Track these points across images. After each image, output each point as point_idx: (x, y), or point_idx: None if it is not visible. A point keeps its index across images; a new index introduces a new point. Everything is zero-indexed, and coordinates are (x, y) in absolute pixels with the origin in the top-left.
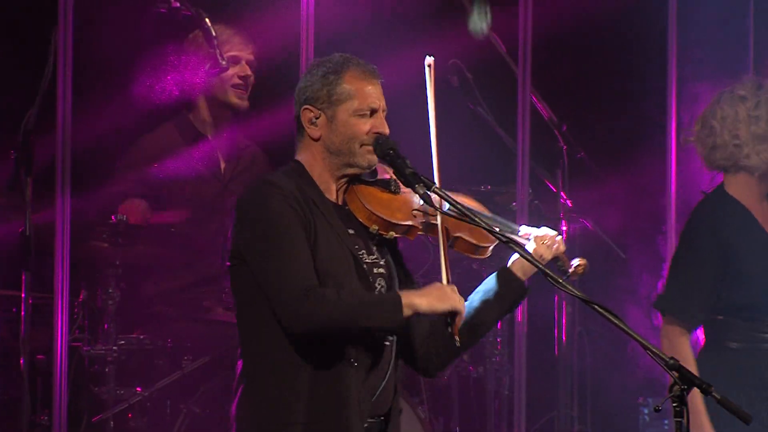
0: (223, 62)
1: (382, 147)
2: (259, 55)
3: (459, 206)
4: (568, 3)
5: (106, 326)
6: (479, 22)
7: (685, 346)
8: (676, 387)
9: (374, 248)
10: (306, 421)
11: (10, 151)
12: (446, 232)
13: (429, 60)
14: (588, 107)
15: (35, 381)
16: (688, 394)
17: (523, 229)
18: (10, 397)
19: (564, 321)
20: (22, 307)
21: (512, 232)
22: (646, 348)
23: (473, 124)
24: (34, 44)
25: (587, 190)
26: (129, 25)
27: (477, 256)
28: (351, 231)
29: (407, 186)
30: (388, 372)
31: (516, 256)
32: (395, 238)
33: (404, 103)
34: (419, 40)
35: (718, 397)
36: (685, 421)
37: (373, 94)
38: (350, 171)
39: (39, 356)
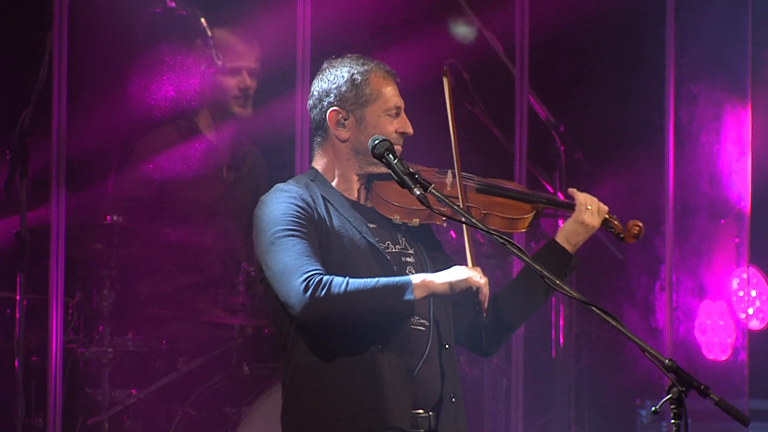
0: (219, 62)
1: (379, 148)
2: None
3: (456, 207)
4: (565, 3)
5: (100, 328)
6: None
7: None
8: (674, 389)
9: (401, 238)
10: (348, 415)
11: (5, 151)
12: (476, 211)
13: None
14: (585, 108)
15: (30, 383)
16: (686, 396)
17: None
18: (5, 398)
19: (561, 322)
20: (17, 309)
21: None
22: (643, 349)
23: (470, 124)
24: (29, 44)
25: (584, 190)
26: (124, 25)
27: (515, 230)
28: (373, 225)
29: (404, 187)
30: (425, 355)
31: (562, 226)
32: (426, 224)
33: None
34: (416, 41)
35: (716, 399)
36: (683, 423)
37: (395, 94)
38: (375, 169)
39: (33, 358)
